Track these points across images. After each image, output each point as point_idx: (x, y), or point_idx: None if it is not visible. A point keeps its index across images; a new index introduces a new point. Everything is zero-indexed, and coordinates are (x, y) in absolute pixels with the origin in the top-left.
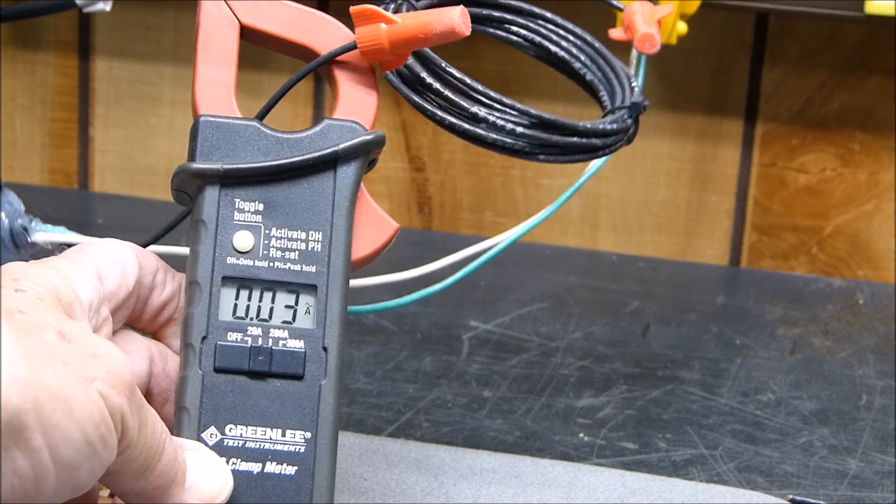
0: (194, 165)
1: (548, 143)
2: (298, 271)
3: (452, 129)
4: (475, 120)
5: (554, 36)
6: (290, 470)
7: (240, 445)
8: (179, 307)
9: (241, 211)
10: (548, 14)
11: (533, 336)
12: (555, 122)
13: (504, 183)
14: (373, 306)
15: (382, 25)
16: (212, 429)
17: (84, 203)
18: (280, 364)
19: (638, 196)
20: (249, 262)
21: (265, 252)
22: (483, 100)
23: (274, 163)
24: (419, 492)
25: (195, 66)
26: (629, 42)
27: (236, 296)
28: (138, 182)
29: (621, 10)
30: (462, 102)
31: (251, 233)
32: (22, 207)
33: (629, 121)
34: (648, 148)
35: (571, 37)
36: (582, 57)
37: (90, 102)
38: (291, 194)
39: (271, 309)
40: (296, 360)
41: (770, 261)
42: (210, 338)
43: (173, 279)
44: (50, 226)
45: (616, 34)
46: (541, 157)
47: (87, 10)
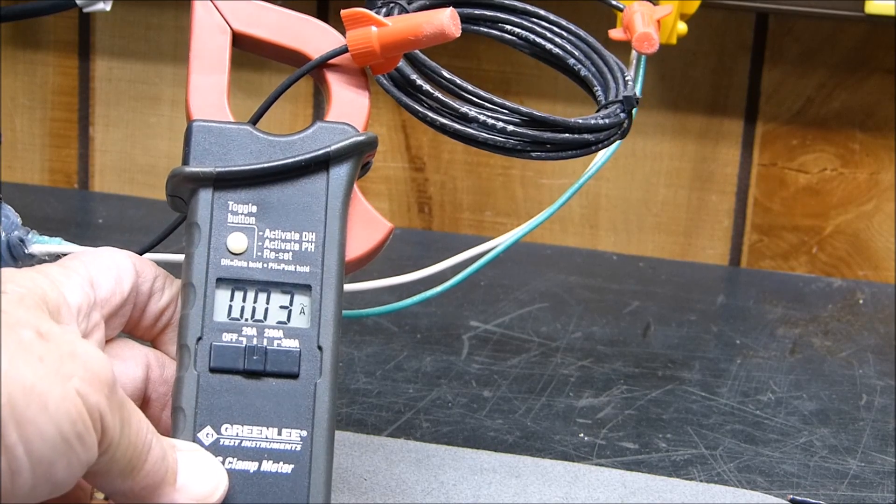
0: (187, 169)
1: (540, 141)
2: (292, 272)
3: (444, 130)
4: (466, 119)
5: (548, 33)
6: (287, 468)
7: (236, 445)
8: (178, 313)
9: (235, 213)
10: (541, 11)
11: (533, 336)
12: (546, 120)
13: (504, 183)
14: (375, 309)
15: (373, 28)
16: (208, 428)
17: (84, 203)
18: (275, 363)
19: (638, 196)
20: (243, 264)
21: (259, 253)
22: (473, 99)
23: (266, 165)
24: (419, 492)
25: (188, 74)
26: (629, 42)
27: (231, 297)
28: (138, 182)
29: (621, 10)
30: (452, 103)
31: (245, 234)
32: (19, 220)
33: (622, 115)
34: (648, 148)
35: (565, 33)
36: (576, 53)
37: (90, 102)
38: (284, 196)
39: (266, 309)
40: (291, 359)
41: (770, 261)
42: (205, 338)
43: (171, 286)
44: (47, 237)
45: (616, 34)
46: (533, 155)
47: (88, 10)
